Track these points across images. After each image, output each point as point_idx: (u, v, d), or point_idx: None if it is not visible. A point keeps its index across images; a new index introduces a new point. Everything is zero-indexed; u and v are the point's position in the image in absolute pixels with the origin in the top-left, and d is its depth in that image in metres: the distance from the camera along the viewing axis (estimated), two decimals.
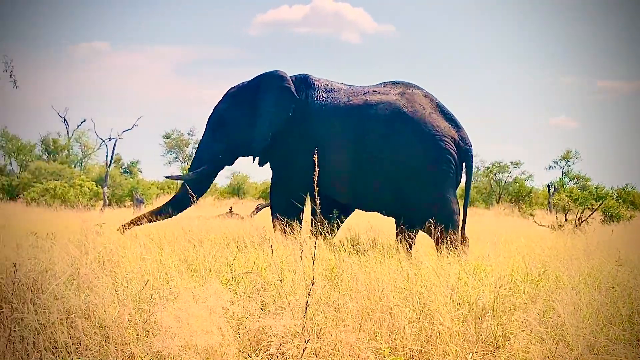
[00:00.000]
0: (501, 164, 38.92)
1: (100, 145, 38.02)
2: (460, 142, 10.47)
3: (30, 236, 9.58)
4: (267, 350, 5.04)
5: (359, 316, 5.57)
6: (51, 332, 5.25)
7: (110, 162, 29.37)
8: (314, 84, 11.13)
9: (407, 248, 9.90)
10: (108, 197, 26.52)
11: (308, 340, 4.79)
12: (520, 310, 5.90)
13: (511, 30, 73.74)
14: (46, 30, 65.88)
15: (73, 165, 38.20)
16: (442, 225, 9.78)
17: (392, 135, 10.36)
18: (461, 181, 10.90)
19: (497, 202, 36.56)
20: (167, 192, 34.12)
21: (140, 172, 41.08)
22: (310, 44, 74.16)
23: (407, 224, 10.32)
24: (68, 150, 40.00)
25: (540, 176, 65.84)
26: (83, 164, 40.06)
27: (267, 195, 18.57)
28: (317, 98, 10.98)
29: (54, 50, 65.80)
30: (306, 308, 4.98)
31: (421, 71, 73.36)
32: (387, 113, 10.49)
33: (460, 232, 10.26)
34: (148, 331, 5.27)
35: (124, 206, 26.81)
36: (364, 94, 10.88)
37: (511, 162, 38.83)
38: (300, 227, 10.86)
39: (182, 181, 12.09)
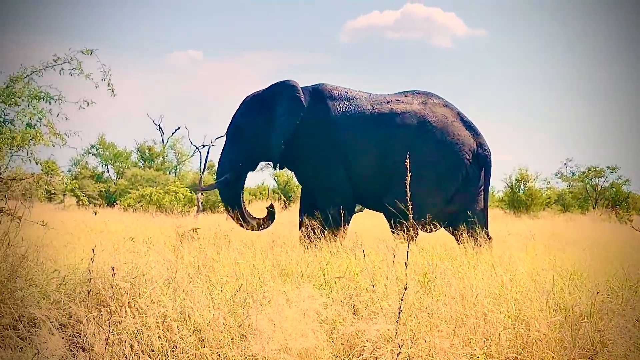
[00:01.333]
0: (597, 169, 38.02)
1: (194, 152, 38.60)
2: (478, 149, 11.29)
3: (128, 241, 9.81)
4: (361, 354, 5.03)
5: (452, 322, 5.51)
6: (148, 336, 5.33)
7: (204, 168, 29.73)
8: (332, 93, 11.70)
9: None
10: (202, 203, 26.87)
11: (402, 346, 4.77)
12: (618, 316, 5.76)
13: (607, 30, 71.95)
14: (142, 39, 67.46)
15: (168, 172, 38.85)
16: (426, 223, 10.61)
17: (417, 143, 11.07)
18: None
19: (594, 208, 35.67)
20: (259, 198, 34.47)
21: None
22: (401, 49, 73.83)
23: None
24: (163, 157, 40.68)
25: (638, 181, 64.03)
26: (177, 170, 40.70)
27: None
28: (339, 106, 11.55)
29: (150, 58, 67.25)
30: (399, 313, 4.96)
31: (513, 74, 72.25)
32: (413, 122, 11.24)
33: (482, 230, 10.93)
34: (243, 335, 5.32)
35: (218, 212, 27.15)
36: (388, 102, 11.55)
37: (607, 167, 37.89)
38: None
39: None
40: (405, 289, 5.02)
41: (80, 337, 5.45)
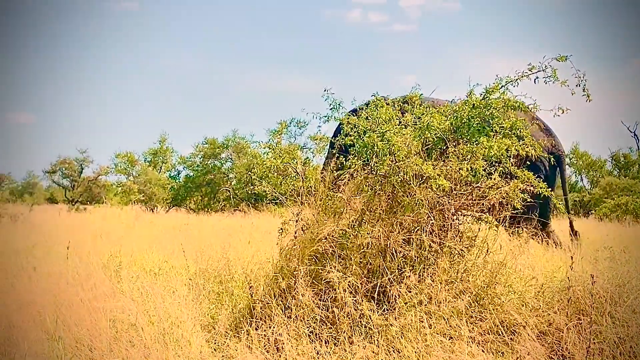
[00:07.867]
0: None
1: None
2: (553, 149, 11.79)
3: (605, 250, 9.64)
4: None
5: None
6: (630, 347, 5.19)
7: None
8: (423, 102, 11.70)
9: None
10: None
11: None
12: None
13: None
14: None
15: None
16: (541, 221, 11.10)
17: None
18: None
19: None
20: None
21: None
22: None
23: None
24: (639, 165, 39.32)
25: None
26: None
27: None
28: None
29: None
30: None
31: None
32: None
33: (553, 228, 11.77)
34: None
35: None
36: None
37: None
38: None
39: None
40: None
41: (559, 345, 5.45)
